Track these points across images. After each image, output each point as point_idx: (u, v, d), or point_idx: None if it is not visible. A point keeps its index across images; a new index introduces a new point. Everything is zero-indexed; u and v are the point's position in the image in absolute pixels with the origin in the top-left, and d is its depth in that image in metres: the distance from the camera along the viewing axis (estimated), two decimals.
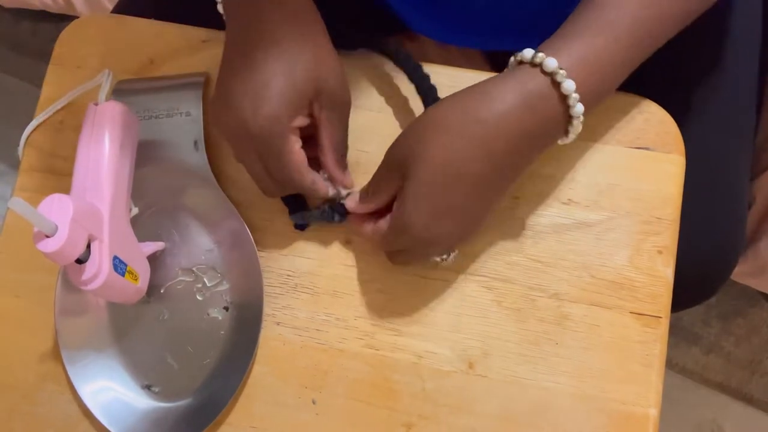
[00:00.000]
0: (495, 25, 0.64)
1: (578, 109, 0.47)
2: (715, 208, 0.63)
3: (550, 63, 0.46)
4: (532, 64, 0.47)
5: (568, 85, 0.46)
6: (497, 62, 0.69)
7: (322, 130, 0.51)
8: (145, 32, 0.61)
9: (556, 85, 0.46)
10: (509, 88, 0.46)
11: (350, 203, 0.53)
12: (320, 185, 0.52)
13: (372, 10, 0.68)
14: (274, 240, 0.56)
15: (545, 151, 0.50)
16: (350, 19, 0.56)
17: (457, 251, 0.52)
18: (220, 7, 0.54)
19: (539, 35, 0.50)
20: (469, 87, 0.48)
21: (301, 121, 0.50)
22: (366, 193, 0.52)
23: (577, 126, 0.48)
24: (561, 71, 0.46)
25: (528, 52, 0.47)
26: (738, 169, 0.66)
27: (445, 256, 0.52)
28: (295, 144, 0.50)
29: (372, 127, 0.57)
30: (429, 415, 0.52)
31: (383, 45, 0.57)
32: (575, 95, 0.46)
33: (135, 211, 0.54)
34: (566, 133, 0.49)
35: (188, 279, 0.56)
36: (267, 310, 0.55)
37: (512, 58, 0.49)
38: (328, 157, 0.52)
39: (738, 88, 0.67)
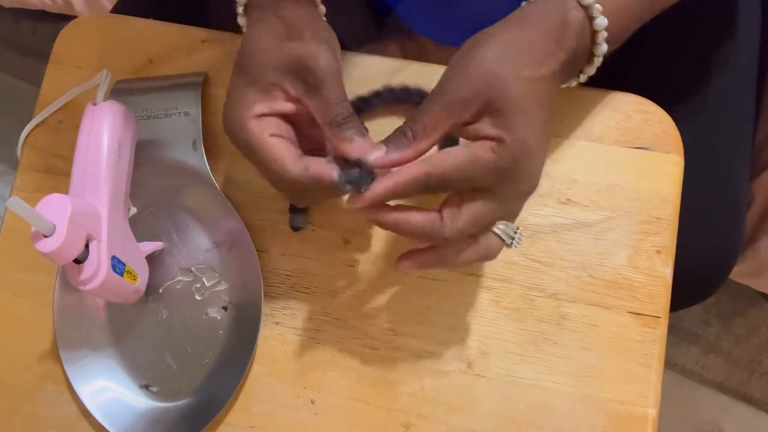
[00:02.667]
0: None
1: (602, 48, 0.46)
2: (714, 207, 0.63)
3: None
4: None
5: (601, 21, 0.45)
6: None
7: (310, 107, 0.46)
8: (144, 32, 0.61)
9: (591, 20, 0.45)
10: (549, 14, 0.45)
11: (382, 154, 0.44)
12: (317, 168, 0.45)
13: (372, 10, 0.68)
14: (273, 240, 0.56)
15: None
16: (351, 20, 0.56)
17: (520, 228, 0.47)
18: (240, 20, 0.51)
19: None
20: (512, 19, 0.46)
21: (263, 107, 0.46)
22: (413, 133, 0.44)
23: (594, 67, 0.47)
24: (597, 6, 0.44)
25: None
26: (737, 169, 0.66)
27: (513, 234, 0.46)
28: (262, 132, 0.45)
29: (372, 128, 0.57)
30: (428, 414, 0.52)
31: None
32: (604, 33, 0.45)
33: (133, 210, 0.54)
34: (579, 73, 0.48)
35: (187, 279, 0.56)
36: (266, 309, 0.55)
37: None
38: (325, 129, 0.46)
39: (737, 88, 0.67)
